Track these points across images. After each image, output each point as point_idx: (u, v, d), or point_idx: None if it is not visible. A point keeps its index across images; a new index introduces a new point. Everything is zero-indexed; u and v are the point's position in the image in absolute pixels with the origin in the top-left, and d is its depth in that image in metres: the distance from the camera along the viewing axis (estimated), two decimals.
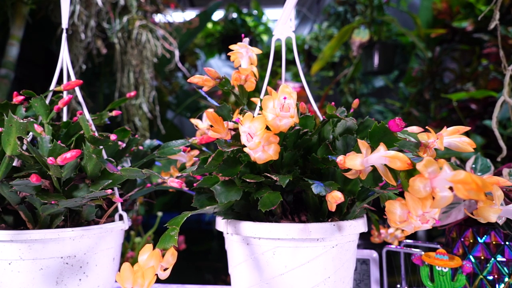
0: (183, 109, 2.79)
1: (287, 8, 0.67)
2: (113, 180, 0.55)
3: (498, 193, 0.43)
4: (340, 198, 0.45)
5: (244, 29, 3.30)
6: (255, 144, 0.44)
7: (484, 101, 2.11)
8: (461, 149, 0.48)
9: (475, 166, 0.75)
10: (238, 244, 0.55)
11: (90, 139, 0.54)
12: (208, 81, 0.58)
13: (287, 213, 0.57)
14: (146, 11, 1.76)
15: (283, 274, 0.52)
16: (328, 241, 0.52)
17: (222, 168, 0.52)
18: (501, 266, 0.67)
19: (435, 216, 0.38)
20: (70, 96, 0.62)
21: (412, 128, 0.52)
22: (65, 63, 0.66)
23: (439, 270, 0.64)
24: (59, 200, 0.52)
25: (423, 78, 2.53)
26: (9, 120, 0.52)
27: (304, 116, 0.57)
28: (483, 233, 0.69)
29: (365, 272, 0.76)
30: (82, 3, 1.56)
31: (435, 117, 2.48)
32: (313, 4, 3.83)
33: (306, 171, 0.57)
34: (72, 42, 1.61)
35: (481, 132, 2.08)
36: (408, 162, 0.38)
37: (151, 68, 1.73)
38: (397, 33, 2.81)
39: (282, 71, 0.71)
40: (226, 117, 0.59)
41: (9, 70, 1.46)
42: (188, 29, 2.19)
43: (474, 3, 2.36)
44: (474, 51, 2.41)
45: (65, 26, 0.66)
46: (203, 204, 0.54)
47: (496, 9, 0.79)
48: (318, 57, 2.73)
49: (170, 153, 0.67)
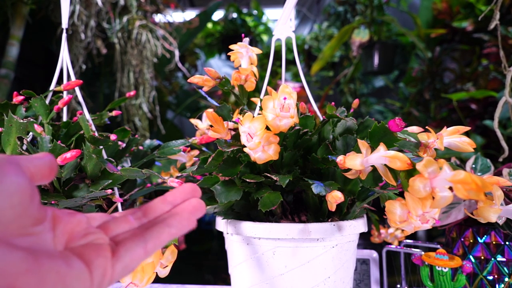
0: (183, 109, 2.79)
1: (287, 8, 0.67)
2: (113, 180, 0.55)
3: (498, 193, 0.43)
4: (340, 198, 0.45)
5: (244, 29, 3.30)
6: (255, 144, 0.44)
7: (484, 101, 2.12)
8: (461, 149, 0.48)
9: (475, 166, 0.75)
10: (238, 244, 0.55)
11: (90, 139, 0.54)
12: (208, 81, 0.58)
13: (287, 213, 0.57)
14: (146, 11, 1.76)
15: (283, 274, 0.52)
16: (328, 241, 0.52)
17: (222, 168, 0.52)
18: (501, 266, 0.67)
19: (435, 216, 0.39)
20: (70, 96, 0.62)
21: (412, 128, 0.52)
22: (65, 63, 0.66)
23: (439, 270, 0.64)
24: (59, 200, 0.52)
25: (423, 78, 2.53)
26: (9, 120, 0.52)
27: (304, 116, 0.57)
28: (483, 233, 0.69)
29: (365, 272, 0.76)
30: (82, 3, 1.56)
31: (435, 117, 2.48)
32: (313, 4, 3.83)
33: (306, 171, 0.57)
34: (72, 42, 1.61)
35: (481, 132, 2.08)
36: (408, 162, 0.38)
37: (151, 68, 1.73)
38: (397, 33, 2.81)
39: (282, 71, 0.71)
40: (226, 117, 0.59)
41: (9, 70, 1.46)
42: (188, 29, 2.19)
43: (474, 3, 2.36)
44: (474, 51, 2.41)
45: (65, 26, 0.66)
46: None
47: (496, 9, 0.79)
48: (318, 57, 2.73)
49: (170, 153, 0.67)
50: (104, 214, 0.28)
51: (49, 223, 0.23)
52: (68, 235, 0.24)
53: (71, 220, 0.24)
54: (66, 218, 0.24)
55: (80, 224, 0.25)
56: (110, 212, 0.62)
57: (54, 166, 0.23)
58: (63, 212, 0.25)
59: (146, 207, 0.28)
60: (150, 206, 0.28)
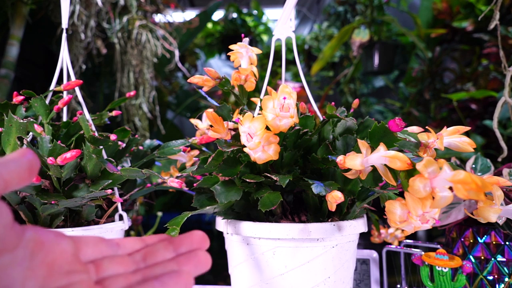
0: (183, 109, 2.79)
1: (287, 8, 0.67)
2: (113, 180, 0.55)
3: (498, 193, 0.43)
4: (340, 198, 0.45)
5: (244, 29, 3.30)
6: (255, 144, 0.44)
7: (484, 101, 2.11)
8: (461, 149, 0.48)
9: (475, 166, 0.75)
10: (238, 244, 0.55)
11: (90, 139, 0.54)
12: (208, 81, 0.58)
13: (287, 213, 0.57)
14: (146, 11, 1.76)
15: (283, 274, 0.52)
16: (328, 241, 0.52)
17: (222, 168, 0.52)
18: (501, 266, 0.67)
19: (435, 216, 0.38)
20: (70, 96, 0.62)
21: (412, 128, 0.52)
22: (65, 63, 0.66)
23: (439, 270, 0.64)
24: (59, 200, 0.52)
25: (423, 78, 2.53)
26: (9, 120, 0.52)
27: (304, 116, 0.57)
28: (483, 233, 0.69)
29: (365, 272, 0.76)
30: (82, 3, 1.56)
31: (435, 117, 2.48)
32: (313, 4, 3.83)
33: (306, 171, 0.57)
34: (72, 42, 1.61)
35: (481, 132, 2.08)
36: (408, 162, 0.38)
37: (151, 68, 1.73)
38: (397, 33, 2.81)
39: (282, 71, 0.71)
40: (226, 117, 0.59)
41: (9, 70, 1.46)
42: (188, 29, 2.19)
43: (474, 3, 2.36)
44: (474, 51, 2.41)
45: (65, 26, 0.66)
46: (203, 204, 0.54)
47: (496, 9, 0.79)
48: (318, 57, 2.73)
49: (170, 153, 0.67)
50: (99, 239, 0.24)
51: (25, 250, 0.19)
52: (48, 268, 0.20)
53: (54, 250, 0.20)
54: (49, 245, 0.20)
55: (64, 255, 0.21)
56: (109, 212, 0.62)
57: (34, 166, 0.20)
58: (47, 235, 0.20)
59: (148, 251, 0.25)
60: (152, 251, 0.25)
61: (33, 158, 0.20)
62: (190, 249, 0.26)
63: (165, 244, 0.25)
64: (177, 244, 0.25)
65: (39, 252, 0.19)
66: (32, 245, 0.19)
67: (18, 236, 0.18)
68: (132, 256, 0.24)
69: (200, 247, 0.26)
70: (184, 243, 0.26)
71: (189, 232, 0.26)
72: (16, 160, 0.19)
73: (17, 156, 0.19)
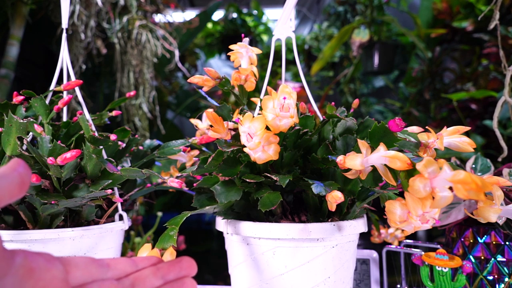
0: (183, 109, 2.79)
1: (287, 8, 0.67)
2: (113, 180, 0.55)
3: (498, 193, 0.43)
4: (340, 198, 0.45)
5: (244, 29, 3.30)
6: (255, 144, 0.44)
7: (484, 101, 2.12)
8: (461, 149, 0.48)
9: (475, 166, 0.75)
10: (238, 244, 0.55)
11: (90, 139, 0.54)
12: (208, 81, 0.58)
13: (287, 213, 0.57)
14: (146, 11, 1.76)
15: (283, 274, 0.52)
16: (328, 241, 0.52)
17: (222, 168, 0.52)
18: (501, 266, 0.67)
19: (435, 216, 0.38)
20: (70, 96, 0.62)
21: (412, 128, 0.52)
22: (65, 63, 0.66)
23: (439, 270, 0.64)
24: (59, 200, 0.52)
25: (423, 78, 2.53)
26: (9, 120, 0.52)
27: (304, 116, 0.57)
28: (483, 233, 0.69)
29: (365, 272, 0.76)
30: (82, 3, 1.56)
31: (435, 117, 2.48)
32: (313, 4, 3.83)
33: (306, 171, 0.57)
34: (72, 42, 1.61)
35: (481, 132, 2.08)
36: (408, 162, 0.38)
37: (151, 68, 1.73)
38: (397, 33, 2.81)
39: (282, 71, 0.71)
40: (226, 117, 0.59)
41: (9, 70, 1.46)
42: (188, 29, 2.19)
43: (474, 3, 2.36)
44: (474, 51, 2.41)
45: (65, 26, 0.66)
46: (203, 204, 0.54)
47: (496, 9, 0.79)
48: (318, 57, 2.73)
49: (170, 153, 0.67)
50: (90, 260, 0.24)
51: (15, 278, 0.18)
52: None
53: (44, 277, 0.20)
54: (39, 272, 0.20)
55: (54, 282, 0.20)
56: (109, 212, 0.62)
57: (25, 179, 0.20)
58: (37, 261, 0.20)
59: (137, 276, 0.25)
60: (140, 277, 0.25)
61: (23, 171, 0.20)
62: (178, 276, 0.26)
63: (154, 270, 0.26)
64: (166, 271, 0.26)
65: (29, 279, 0.19)
66: (22, 272, 0.19)
67: (8, 263, 0.18)
68: (121, 281, 0.24)
69: (188, 274, 0.27)
70: (172, 270, 0.26)
71: (178, 258, 0.27)
72: (6, 176, 0.19)
73: (7, 171, 0.19)
